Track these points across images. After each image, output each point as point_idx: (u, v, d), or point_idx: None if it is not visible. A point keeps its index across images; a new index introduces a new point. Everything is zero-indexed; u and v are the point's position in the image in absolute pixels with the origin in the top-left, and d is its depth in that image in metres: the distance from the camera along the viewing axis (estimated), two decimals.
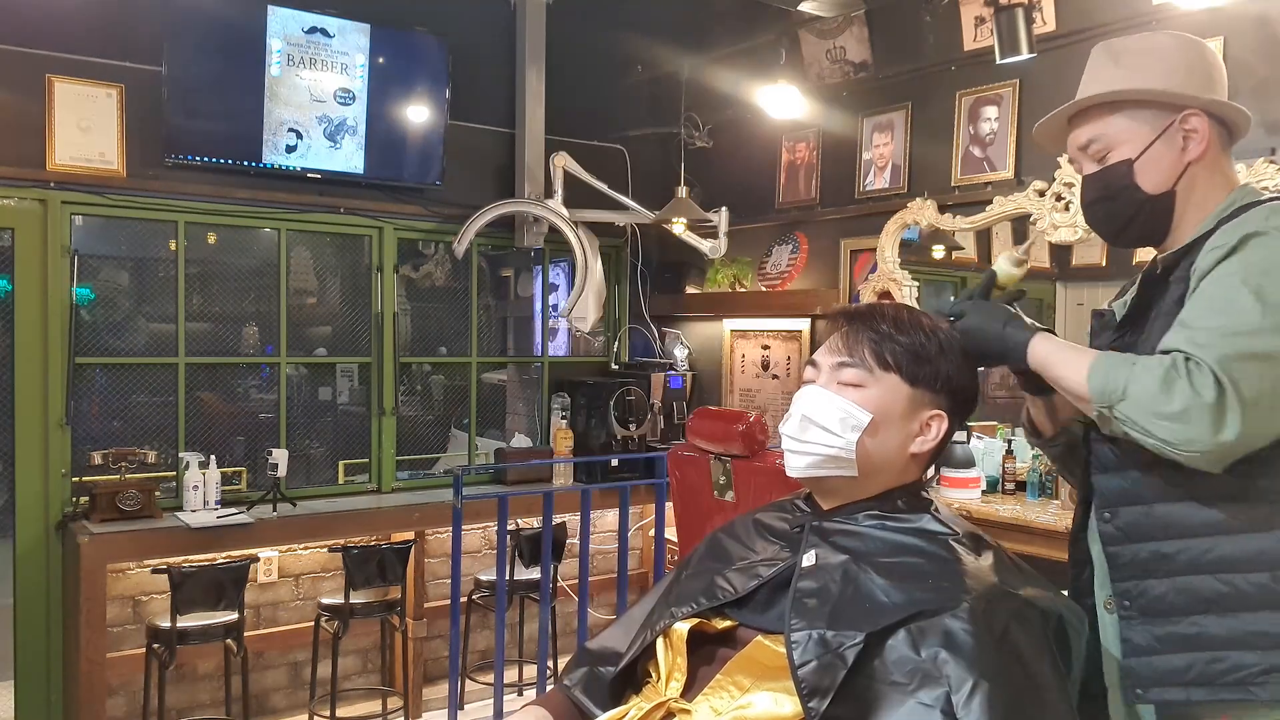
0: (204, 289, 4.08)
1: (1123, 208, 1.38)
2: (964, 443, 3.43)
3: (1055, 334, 1.38)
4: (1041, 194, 3.37)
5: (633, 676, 1.39)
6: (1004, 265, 1.48)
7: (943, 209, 3.73)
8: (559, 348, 5.09)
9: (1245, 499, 1.24)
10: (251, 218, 4.06)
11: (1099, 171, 1.39)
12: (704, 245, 4.47)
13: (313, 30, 3.94)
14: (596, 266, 4.50)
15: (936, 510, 1.32)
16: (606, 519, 4.61)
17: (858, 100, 4.16)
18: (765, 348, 4.61)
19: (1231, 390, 1.14)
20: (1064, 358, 1.31)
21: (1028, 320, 1.39)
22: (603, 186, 4.37)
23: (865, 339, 1.32)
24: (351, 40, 4.03)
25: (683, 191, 4.34)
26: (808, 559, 1.28)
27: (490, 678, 3.91)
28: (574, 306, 4.41)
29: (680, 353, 5.01)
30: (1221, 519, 1.25)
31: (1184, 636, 1.26)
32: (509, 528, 3.66)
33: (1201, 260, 1.26)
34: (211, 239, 4.08)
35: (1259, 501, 1.23)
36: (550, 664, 3.94)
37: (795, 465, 1.33)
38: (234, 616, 3.47)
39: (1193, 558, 1.26)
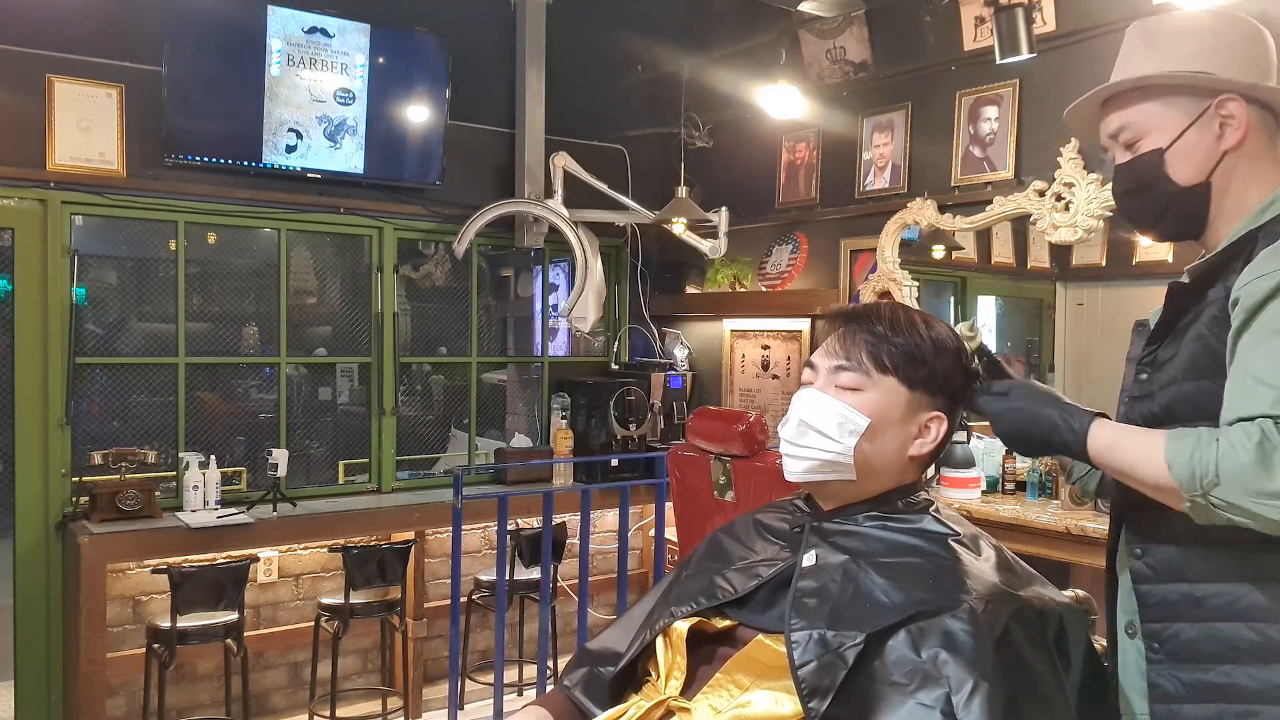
0: (204, 289, 4.08)
1: (1154, 200, 1.28)
2: (964, 443, 3.43)
3: (1109, 417, 1.27)
4: (1041, 194, 3.37)
5: (633, 676, 1.39)
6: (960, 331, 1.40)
7: (943, 209, 3.73)
8: (559, 348, 5.09)
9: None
10: (251, 218, 4.06)
11: (1129, 161, 1.30)
12: (704, 245, 4.47)
13: (313, 30, 3.94)
14: (596, 266, 4.50)
15: (937, 511, 1.32)
16: (606, 519, 4.61)
17: (858, 100, 4.16)
18: (765, 348, 4.61)
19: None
20: (1132, 445, 1.18)
21: (1077, 405, 1.27)
22: (603, 186, 4.37)
23: (862, 341, 1.31)
24: (351, 40, 4.03)
25: (683, 191, 4.34)
26: (808, 559, 1.28)
27: (490, 678, 3.91)
28: (574, 306, 4.41)
29: (680, 353, 5.01)
30: (1258, 565, 1.16)
31: (1215, 686, 1.18)
32: (509, 528, 3.66)
33: (1251, 286, 1.13)
34: (211, 239, 4.08)
35: None
36: (550, 664, 3.94)
37: (793, 470, 1.32)
38: (234, 616, 3.47)
39: (1226, 603, 1.18)
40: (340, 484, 4.29)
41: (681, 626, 1.31)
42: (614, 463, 4.45)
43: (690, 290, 5.04)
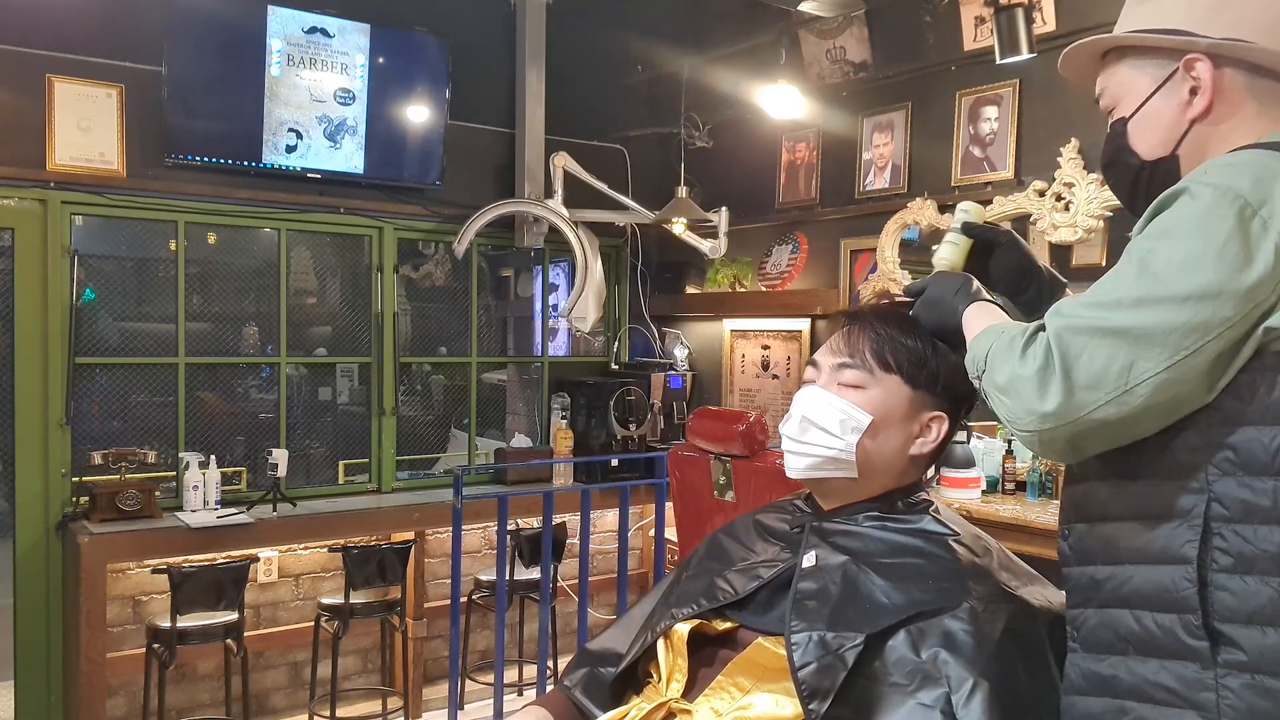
0: (204, 289, 4.08)
1: (1121, 174, 1.19)
2: (964, 443, 3.43)
3: (997, 305, 1.22)
4: (1041, 194, 3.37)
5: (633, 677, 1.39)
6: (971, 206, 1.36)
7: (943, 209, 3.73)
8: (559, 348, 5.09)
9: (1169, 520, 1.02)
10: (251, 218, 4.06)
11: (1107, 133, 1.20)
12: (704, 245, 4.47)
13: (313, 30, 3.94)
14: (596, 266, 4.50)
15: (937, 511, 1.32)
16: (606, 519, 4.61)
17: (858, 100, 4.16)
18: (765, 348, 4.61)
19: (1059, 363, 0.99)
20: (974, 328, 1.15)
21: (983, 291, 1.25)
22: (603, 186, 4.37)
23: (866, 339, 1.31)
24: (351, 40, 4.03)
25: (683, 191, 4.34)
26: (808, 560, 1.28)
27: (490, 678, 3.91)
28: (574, 306, 4.41)
29: (680, 353, 5.01)
30: (1144, 544, 1.04)
31: (1101, 678, 1.08)
32: (509, 528, 3.66)
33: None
34: (211, 239, 4.08)
35: (1178, 526, 1.02)
36: (550, 664, 3.94)
37: (795, 466, 1.32)
38: (234, 616, 3.47)
39: (1115, 587, 1.07)
40: (340, 484, 4.29)
41: (682, 628, 1.31)
42: (614, 463, 4.45)
43: (690, 290, 5.04)
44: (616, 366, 5.03)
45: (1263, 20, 1.09)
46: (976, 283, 1.28)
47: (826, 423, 1.28)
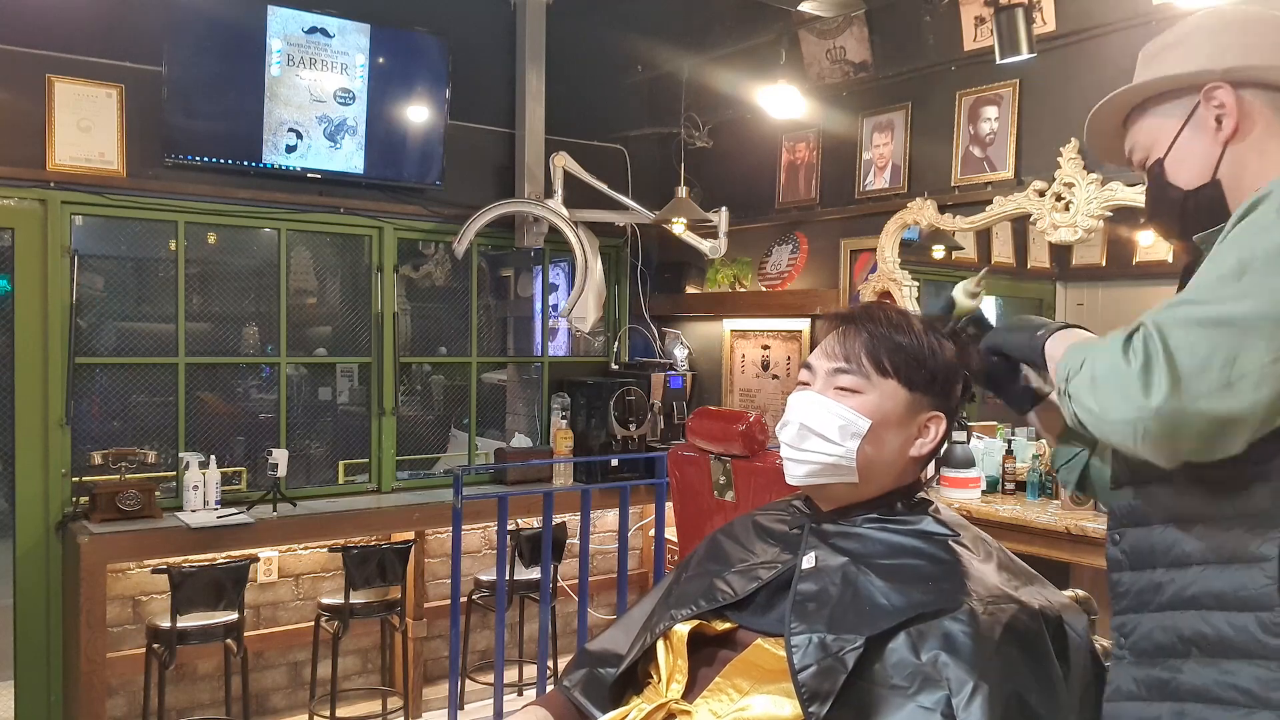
0: (204, 289, 4.08)
1: (1168, 210, 1.21)
2: (964, 443, 3.44)
3: (1084, 329, 1.21)
4: (1041, 194, 3.37)
5: (633, 678, 1.39)
6: (960, 297, 1.41)
7: (943, 209, 3.73)
8: (559, 348, 5.09)
9: (1241, 523, 1.02)
10: (251, 218, 4.06)
11: (1147, 184, 1.23)
12: (704, 245, 4.47)
13: (313, 30, 3.94)
14: (596, 266, 4.50)
15: (936, 511, 1.31)
16: (606, 519, 4.61)
17: (858, 100, 4.16)
18: (765, 348, 4.61)
19: (1162, 354, 0.96)
20: (1063, 344, 1.15)
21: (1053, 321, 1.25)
22: (603, 186, 4.37)
23: (861, 342, 1.31)
24: (351, 40, 4.03)
25: (683, 191, 4.34)
26: (807, 561, 1.28)
27: (490, 678, 3.91)
28: (574, 306, 4.41)
29: (680, 353, 5.01)
30: (1215, 546, 1.03)
31: (1159, 682, 1.07)
32: (509, 528, 3.66)
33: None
34: (211, 239, 4.08)
35: (1254, 527, 1.02)
36: (550, 664, 3.94)
37: (795, 474, 1.32)
38: (234, 616, 3.47)
39: (1179, 589, 1.06)
40: (340, 484, 4.29)
41: (682, 629, 1.30)
42: (614, 463, 4.45)
43: (690, 290, 5.04)
44: (616, 366, 5.03)
45: (1264, 45, 1.15)
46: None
47: (825, 429, 1.28)
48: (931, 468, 1.41)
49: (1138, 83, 1.22)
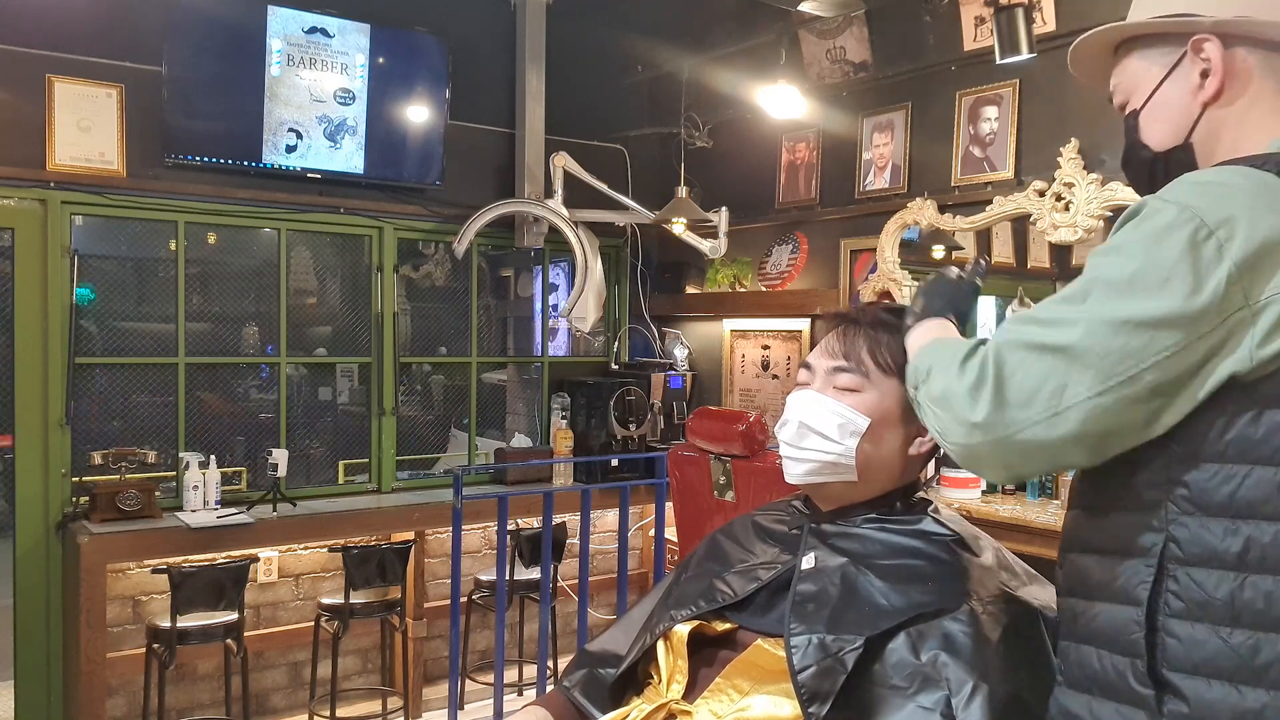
0: (204, 289, 4.08)
1: (1138, 169, 1.13)
2: None
3: (952, 321, 1.18)
4: (1041, 194, 3.37)
5: (633, 678, 1.39)
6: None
7: (943, 209, 3.73)
8: (559, 348, 5.09)
9: (1125, 561, 0.98)
10: (251, 218, 4.06)
11: (1125, 130, 1.15)
12: (704, 245, 4.47)
13: (313, 30, 3.94)
14: (596, 266, 4.50)
15: (936, 511, 1.31)
16: (606, 519, 4.61)
17: (858, 100, 4.16)
18: (765, 348, 4.61)
19: (993, 377, 0.95)
20: (918, 341, 1.13)
21: (936, 304, 1.20)
22: (603, 186, 4.37)
23: (861, 341, 1.31)
24: (351, 40, 4.03)
25: (683, 191, 4.33)
26: (806, 562, 1.28)
27: (490, 678, 3.91)
28: (574, 306, 4.41)
29: (680, 353, 5.00)
30: (1108, 580, 0.99)
31: (1070, 714, 1.03)
32: (509, 528, 3.66)
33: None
34: (211, 239, 4.08)
35: (1131, 568, 0.97)
36: (550, 664, 3.94)
37: (794, 472, 1.32)
38: (234, 616, 3.47)
39: (1086, 622, 1.02)
40: (340, 484, 4.29)
41: (682, 630, 1.30)
42: (614, 463, 4.45)
43: (690, 290, 5.04)
44: (616, 366, 5.03)
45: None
46: (949, 295, 1.23)
47: (825, 428, 1.28)
48: (931, 467, 1.41)
49: (1125, 23, 1.12)
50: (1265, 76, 1.04)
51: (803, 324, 4.40)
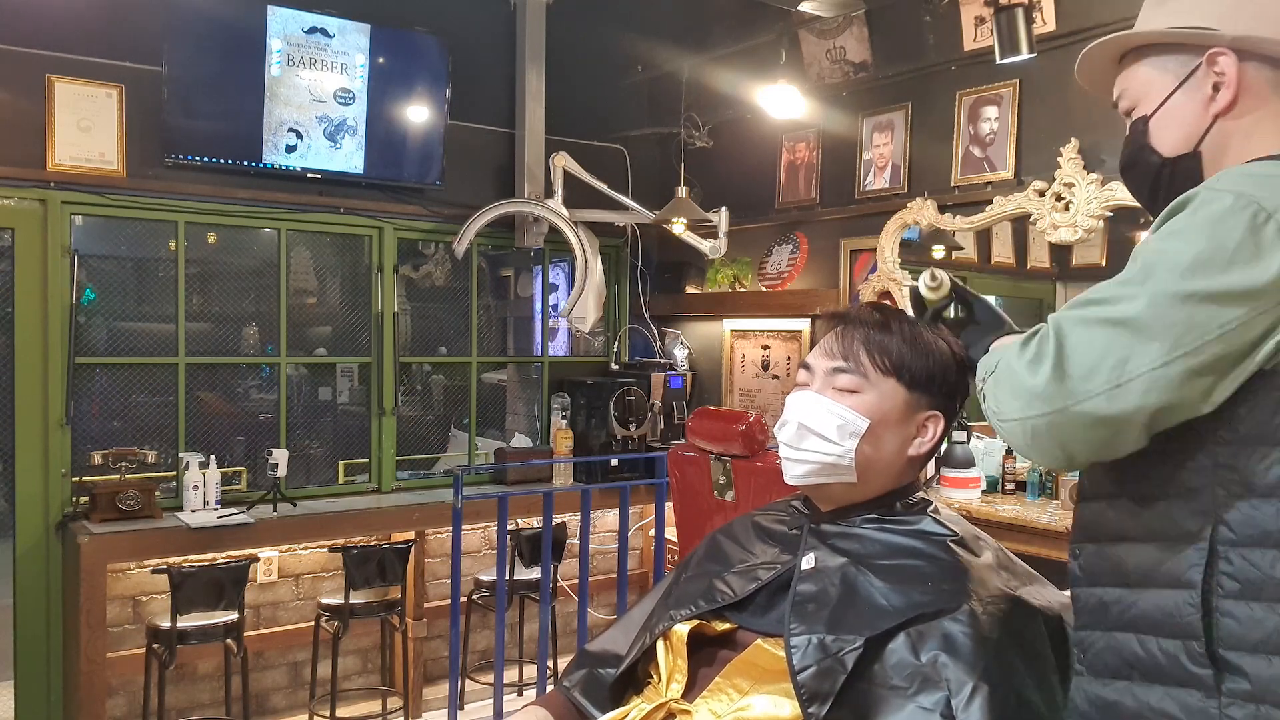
0: (204, 289, 4.08)
1: (1142, 174, 1.16)
2: (964, 443, 3.43)
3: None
4: (1041, 194, 3.37)
5: (633, 678, 1.39)
6: (924, 292, 1.37)
7: (943, 209, 3.73)
8: (559, 348, 5.09)
9: (1174, 547, 0.99)
10: (251, 218, 4.06)
11: (1127, 134, 1.18)
12: (704, 245, 4.47)
13: (313, 30, 3.94)
14: (596, 266, 4.50)
15: (935, 511, 1.31)
16: (606, 519, 4.61)
17: (858, 100, 4.16)
18: (765, 348, 4.61)
19: (1054, 350, 0.97)
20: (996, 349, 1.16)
21: (1003, 325, 1.25)
22: (603, 186, 4.37)
23: (860, 342, 1.31)
24: (351, 40, 4.03)
25: (683, 191, 4.33)
26: (806, 562, 1.28)
27: (490, 678, 3.91)
28: (574, 306, 4.41)
29: (680, 353, 5.00)
30: (1151, 568, 1.01)
31: (1106, 703, 1.04)
32: (509, 528, 3.66)
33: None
34: (211, 239, 4.08)
35: (1182, 551, 0.99)
36: (550, 664, 3.94)
37: (794, 473, 1.31)
38: (234, 616, 3.47)
39: (1121, 610, 1.04)
40: (340, 484, 4.29)
41: (682, 630, 1.30)
42: (614, 463, 4.45)
43: (690, 290, 5.04)
44: (616, 366, 5.03)
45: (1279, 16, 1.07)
46: (993, 311, 1.30)
47: (824, 429, 1.28)
48: (931, 467, 1.41)
49: (1139, 30, 1.15)
50: (1273, 93, 1.08)
51: (803, 324, 4.40)
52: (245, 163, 3.89)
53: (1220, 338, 0.93)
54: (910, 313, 1.37)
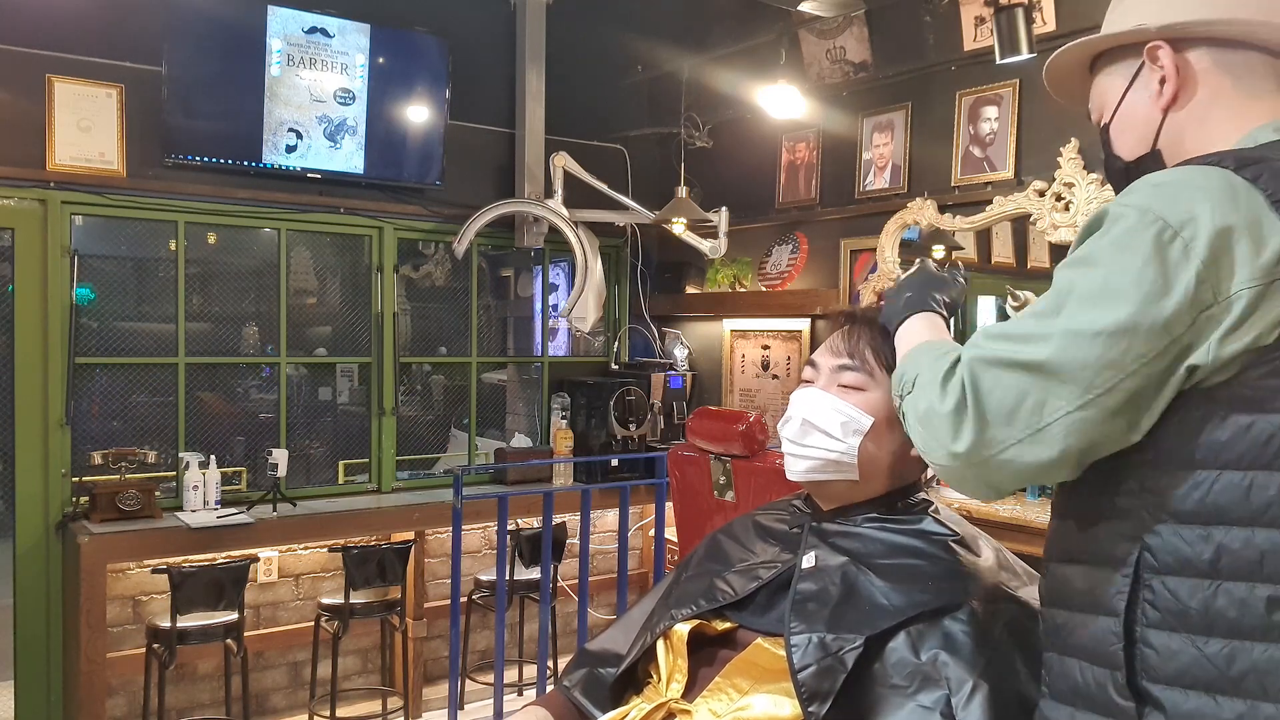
0: (204, 289, 4.08)
1: (1116, 180, 1.13)
2: None
3: (945, 318, 1.20)
4: (1041, 194, 3.37)
5: (633, 678, 1.39)
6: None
7: (943, 209, 3.73)
8: (559, 348, 5.09)
9: (1104, 569, 0.97)
10: (251, 218, 4.06)
11: (1101, 143, 1.17)
12: (704, 245, 4.47)
13: (313, 30, 3.94)
14: (596, 266, 4.50)
15: (936, 511, 1.31)
16: (606, 519, 4.61)
17: (858, 100, 4.16)
18: (765, 348, 4.61)
19: (971, 397, 0.95)
20: (908, 342, 1.15)
21: (936, 297, 1.22)
22: (603, 186, 4.37)
23: (866, 340, 1.31)
24: (351, 40, 4.03)
25: (683, 191, 4.33)
26: (807, 561, 1.28)
27: (490, 678, 3.91)
28: (574, 306, 4.41)
29: (680, 353, 5.01)
30: (1087, 590, 0.98)
31: None
32: (509, 528, 3.66)
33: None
34: (211, 239, 4.08)
35: (1110, 576, 0.96)
36: (550, 664, 3.94)
37: (796, 469, 1.32)
38: (234, 616, 3.47)
39: (1068, 634, 1.01)
40: (340, 484, 4.29)
41: (682, 629, 1.30)
42: (614, 463, 4.45)
43: (690, 290, 5.04)
44: (616, 366, 5.03)
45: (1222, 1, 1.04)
46: (938, 287, 1.25)
47: (828, 425, 1.28)
48: (931, 469, 1.41)
49: (1082, 40, 1.14)
50: (1221, 74, 1.05)
51: (803, 324, 4.40)
52: (245, 163, 3.89)
53: (1135, 372, 0.90)
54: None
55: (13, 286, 3.59)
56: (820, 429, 1.28)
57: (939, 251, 3.80)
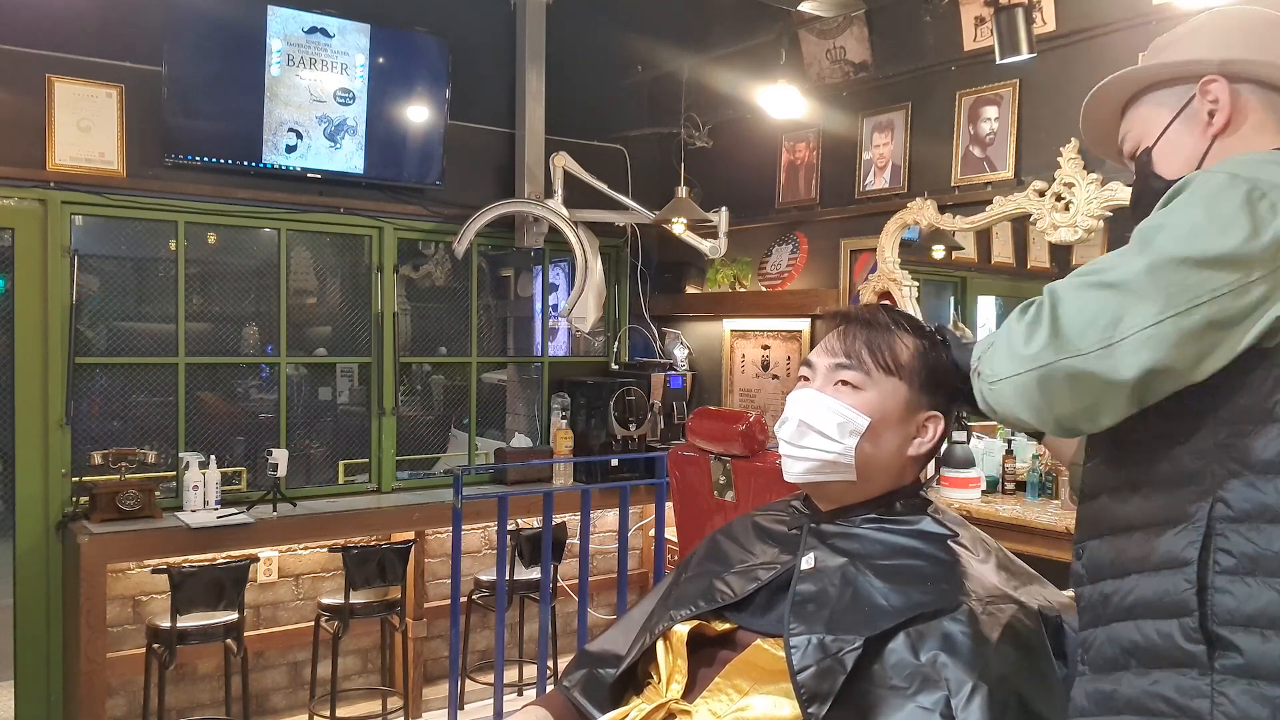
0: (204, 289, 4.08)
1: (1149, 203, 1.14)
2: (964, 443, 3.44)
3: None
4: (1041, 194, 3.37)
5: (633, 678, 1.39)
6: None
7: (943, 209, 3.73)
8: (559, 348, 5.09)
9: (1167, 527, 1.00)
10: (251, 218, 4.06)
11: (1135, 170, 1.24)
12: (704, 245, 4.47)
13: (313, 30, 3.94)
14: (596, 266, 4.50)
15: (936, 511, 1.31)
16: (606, 519, 4.61)
17: (858, 100, 4.16)
18: (765, 348, 4.61)
19: (1049, 313, 0.98)
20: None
21: None
22: (603, 186, 4.37)
23: (862, 340, 1.31)
24: (351, 40, 4.03)
25: (683, 191, 4.33)
26: (806, 562, 1.27)
27: (490, 678, 3.91)
28: (574, 306, 4.41)
29: (680, 353, 5.01)
30: (1147, 552, 1.02)
31: (1104, 695, 1.04)
32: (509, 528, 3.66)
33: None
34: (211, 239, 4.08)
35: (1177, 531, 1.00)
36: (550, 664, 3.94)
37: (793, 471, 1.31)
38: (234, 616, 3.47)
39: (1121, 598, 1.04)
40: (340, 484, 4.29)
41: (681, 630, 1.30)
42: (614, 463, 4.45)
43: (690, 290, 5.04)
44: (616, 366, 5.03)
45: (1266, 43, 1.16)
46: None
47: (824, 426, 1.28)
48: (931, 468, 1.41)
49: (1138, 66, 1.22)
50: (1264, 110, 1.16)
51: (803, 324, 4.40)
52: (245, 163, 3.89)
53: (1212, 300, 0.94)
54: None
55: (3, 282, 3.58)
56: (817, 430, 1.28)
57: (939, 252, 3.81)
